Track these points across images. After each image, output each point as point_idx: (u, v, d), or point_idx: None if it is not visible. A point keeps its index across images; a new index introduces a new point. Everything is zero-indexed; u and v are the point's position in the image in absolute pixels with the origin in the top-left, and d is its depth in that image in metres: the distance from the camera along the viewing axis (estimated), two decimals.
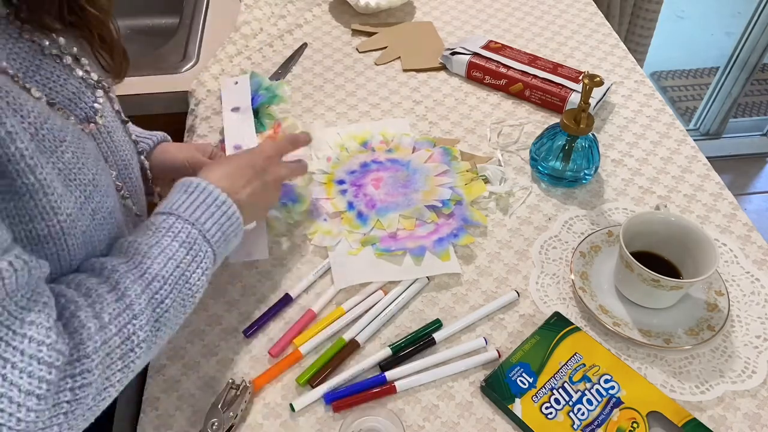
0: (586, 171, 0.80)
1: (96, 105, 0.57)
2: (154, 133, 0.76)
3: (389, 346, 0.65)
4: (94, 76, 0.57)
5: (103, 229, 0.52)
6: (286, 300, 0.69)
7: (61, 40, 0.54)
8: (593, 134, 0.80)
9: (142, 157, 0.69)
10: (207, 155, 0.76)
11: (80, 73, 0.56)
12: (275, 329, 0.68)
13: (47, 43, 0.52)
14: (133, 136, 0.66)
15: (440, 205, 0.77)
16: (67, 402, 0.43)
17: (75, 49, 0.56)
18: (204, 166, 0.65)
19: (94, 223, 0.51)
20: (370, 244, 0.74)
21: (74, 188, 0.48)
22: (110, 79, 0.61)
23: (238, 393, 0.61)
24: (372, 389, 0.61)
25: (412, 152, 0.84)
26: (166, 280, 0.51)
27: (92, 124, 0.55)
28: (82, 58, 0.57)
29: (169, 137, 0.79)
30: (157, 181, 0.74)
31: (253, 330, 0.67)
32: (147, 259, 0.51)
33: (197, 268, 0.54)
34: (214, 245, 0.56)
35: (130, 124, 0.67)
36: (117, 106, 0.63)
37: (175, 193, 0.58)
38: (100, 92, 0.57)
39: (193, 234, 0.55)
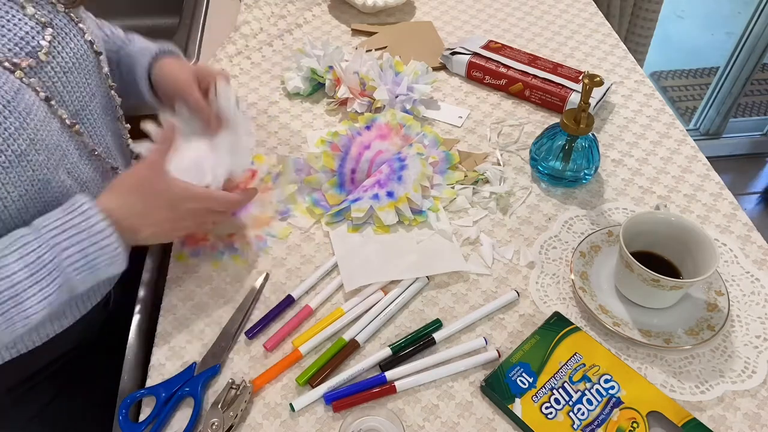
0: (586, 171, 0.80)
1: (42, 42, 0.57)
2: (151, 47, 0.74)
3: (389, 346, 0.65)
4: (46, 15, 0.59)
5: (8, 172, 0.52)
6: (288, 301, 0.69)
7: None
8: (593, 134, 0.80)
9: (113, 92, 0.69)
10: (203, 83, 0.73)
11: (30, 10, 0.57)
12: (277, 330, 0.68)
13: None
14: (98, 61, 0.66)
15: (416, 208, 0.78)
16: None
17: None
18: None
19: None
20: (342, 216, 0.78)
21: None
22: (71, 2, 0.62)
23: (238, 393, 0.61)
24: (372, 389, 0.61)
25: (411, 144, 0.84)
26: None
27: (31, 60, 0.56)
28: None
29: (173, 48, 0.77)
30: (166, 99, 0.73)
31: (255, 331, 0.67)
32: None
33: (38, 292, 0.53)
34: (70, 272, 0.55)
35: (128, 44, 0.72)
36: (89, 37, 0.63)
37: (58, 208, 0.56)
38: (49, 30, 0.58)
39: (44, 258, 0.53)
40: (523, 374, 0.61)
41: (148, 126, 0.71)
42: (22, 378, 0.69)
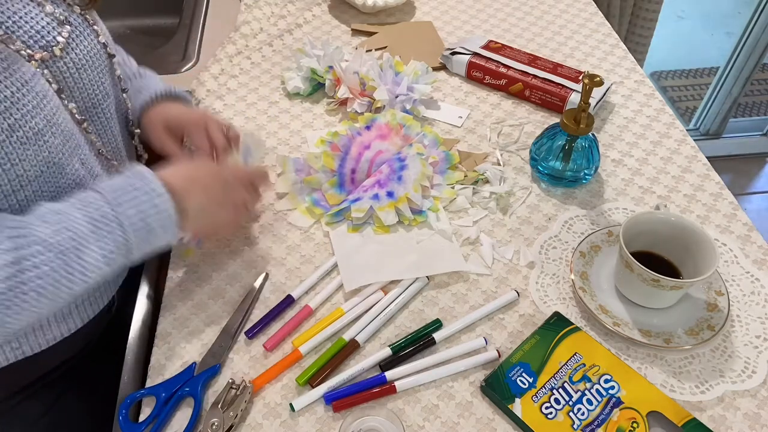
0: (586, 171, 0.80)
1: (59, 38, 0.59)
2: (157, 88, 0.77)
3: (389, 346, 0.65)
4: (62, 13, 0.60)
5: (25, 148, 0.53)
6: (288, 301, 0.69)
7: None
8: (593, 134, 0.80)
9: (125, 95, 0.70)
10: (203, 132, 0.75)
11: (49, 8, 0.59)
12: (276, 330, 0.67)
13: None
14: (116, 75, 0.69)
15: (416, 208, 0.78)
16: None
17: None
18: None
19: (12, 140, 0.52)
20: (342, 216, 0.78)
21: None
22: (87, 5, 0.63)
23: (238, 393, 0.61)
24: (372, 389, 0.61)
25: (411, 144, 0.84)
26: (51, 247, 0.51)
27: (45, 53, 0.57)
28: None
29: (185, 95, 0.80)
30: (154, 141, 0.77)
31: (255, 331, 0.67)
32: (40, 223, 0.52)
33: (95, 245, 0.54)
34: (129, 230, 0.55)
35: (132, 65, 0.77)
36: (103, 39, 0.65)
37: (119, 175, 0.58)
38: (66, 27, 0.60)
39: (105, 213, 0.54)
40: (523, 374, 0.62)
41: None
42: (24, 383, 0.69)
